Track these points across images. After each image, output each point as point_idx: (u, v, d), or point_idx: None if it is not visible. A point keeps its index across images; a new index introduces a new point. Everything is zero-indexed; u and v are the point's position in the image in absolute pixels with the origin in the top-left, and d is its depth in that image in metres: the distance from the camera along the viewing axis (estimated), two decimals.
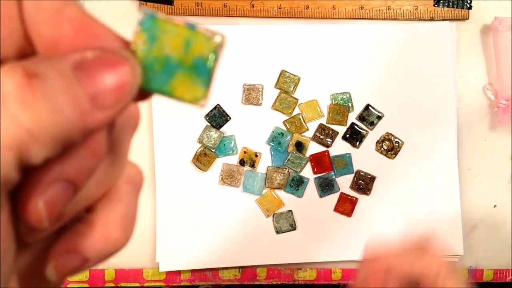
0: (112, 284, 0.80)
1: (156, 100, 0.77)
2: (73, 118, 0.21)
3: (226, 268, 0.80)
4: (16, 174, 0.21)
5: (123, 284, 0.80)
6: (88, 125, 0.22)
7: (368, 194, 0.78)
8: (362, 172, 0.78)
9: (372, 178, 0.78)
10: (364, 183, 0.78)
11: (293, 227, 0.78)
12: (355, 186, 0.78)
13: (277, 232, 0.78)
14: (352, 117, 0.78)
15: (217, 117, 0.78)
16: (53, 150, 0.21)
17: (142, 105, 0.76)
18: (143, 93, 0.24)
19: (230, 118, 0.78)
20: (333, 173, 0.78)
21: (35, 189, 0.22)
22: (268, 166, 0.78)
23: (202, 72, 0.24)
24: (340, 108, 0.77)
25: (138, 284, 0.80)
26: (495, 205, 0.80)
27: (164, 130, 0.78)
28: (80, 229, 0.26)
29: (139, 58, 0.23)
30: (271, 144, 0.78)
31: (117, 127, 0.26)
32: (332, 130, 0.78)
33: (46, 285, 0.27)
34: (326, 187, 0.78)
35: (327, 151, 0.78)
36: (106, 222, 0.26)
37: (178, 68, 0.24)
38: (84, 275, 0.79)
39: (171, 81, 0.24)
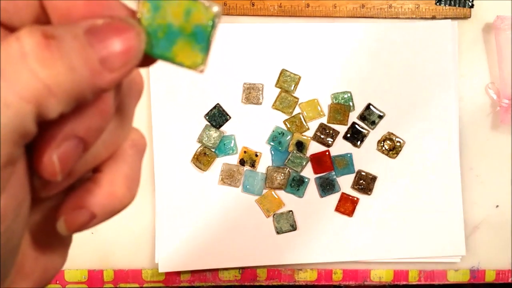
0: (111, 285, 0.80)
1: (156, 100, 0.77)
2: (86, 76, 0.24)
3: (226, 269, 0.79)
4: (34, 127, 0.23)
5: (122, 285, 0.80)
6: (99, 84, 0.24)
7: (369, 194, 0.78)
8: (363, 172, 0.77)
9: (374, 178, 0.77)
10: (365, 183, 0.78)
11: (293, 227, 0.78)
12: (356, 186, 0.78)
13: (278, 233, 0.78)
14: (353, 117, 0.78)
15: (217, 117, 0.77)
16: (67, 106, 0.24)
17: (142, 105, 0.76)
18: (147, 59, 0.27)
19: (230, 118, 0.77)
20: (334, 173, 0.78)
21: (50, 144, 0.24)
22: (268, 166, 0.77)
23: (201, 39, 0.26)
24: (341, 107, 0.77)
25: (137, 285, 0.80)
26: (497, 205, 0.80)
27: (164, 130, 0.77)
28: (88, 187, 0.28)
29: (143, 26, 0.26)
30: (271, 143, 0.77)
31: (123, 92, 0.29)
32: (333, 129, 0.78)
33: (56, 242, 0.31)
34: (327, 187, 0.78)
35: (328, 151, 0.78)
36: (112, 180, 0.29)
37: (179, 35, 0.26)
38: (83, 276, 0.79)
39: (173, 48, 0.27)
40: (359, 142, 0.78)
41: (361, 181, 0.78)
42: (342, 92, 0.77)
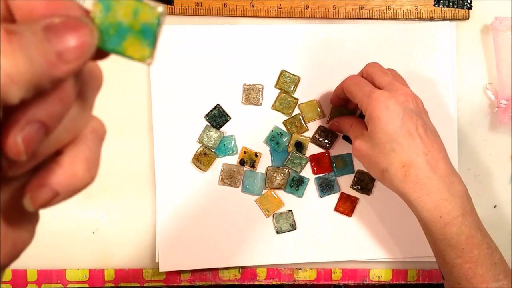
0: (112, 284, 0.80)
1: (157, 100, 0.77)
2: (43, 67, 0.27)
3: (226, 268, 0.80)
4: None
5: (123, 284, 0.80)
6: (55, 75, 0.27)
7: (368, 194, 0.78)
8: (363, 171, 0.78)
9: (373, 178, 0.78)
10: (364, 183, 0.78)
11: (293, 227, 0.78)
12: (356, 186, 0.78)
13: (277, 232, 0.78)
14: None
15: (217, 117, 0.78)
16: (27, 92, 0.26)
17: (143, 106, 0.77)
18: (101, 53, 0.31)
19: (230, 118, 0.78)
20: (333, 173, 0.78)
21: (14, 126, 0.27)
22: (268, 166, 0.78)
23: (148, 35, 0.30)
24: (342, 110, 0.77)
25: (138, 284, 0.80)
26: (495, 205, 0.80)
27: (164, 130, 0.78)
28: (52, 167, 0.31)
29: (96, 24, 0.30)
30: (269, 143, 0.77)
31: (83, 82, 0.32)
32: (332, 132, 0.78)
33: (24, 219, 0.34)
34: (326, 187, 0.78)
35: (327, 151, 0.78)
36: (73, 162, 0.32)
37: (128, 32, 0.30)
38: (84, 275, 0.80)
39: (123, 43, 0.30)
40: None
41: (360, 181, 0.78)
42: None
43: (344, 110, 0.77)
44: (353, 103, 0.68)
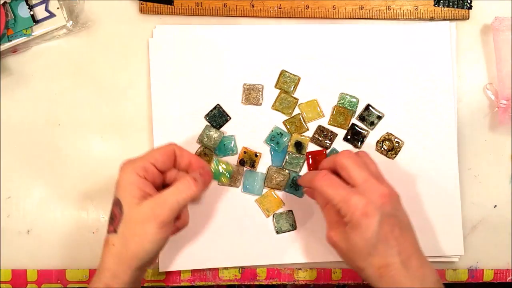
0: None
1: (157, 100, 0.77)
2: (202, 191, 0.66)
3: (226, 268, 0.80)
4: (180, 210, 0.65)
5: None
6: (198, 196, 0.65)
7: None
8: None
9: None
10: None
11: (293, 227, 0.78)
12: None
13: (277, 232, 0.78)
14: (353, 118, 0.78)
15: (217, 117, 0.78)
16: (198, 198, 0.76)
17: (142, 105, 0.77)
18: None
19: (230, 118, 0.78)
20: None
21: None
22: (269, 166, 0.78)
23: (229, 174, 0.72)
24: (344, 111, 0.77)
25: None
26: (495, 205, 0.80)
27: (164, 130, 0.78)
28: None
29: (212, 170, 0.71)
30: (269, 143, 0.77)
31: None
32: (331, 132, 0.78)
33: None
34: None
35: (325, 149, 0.78)
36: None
37: (222, 173, 0.72)
38: (84, 275, 0.80)
39: (220, 177, 0.72)
40: (359, 143, 0.78)
41: None
42: (351, 95, 0.78)
43: (347, 113, 0.77)
44: None
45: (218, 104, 0.78)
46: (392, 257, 0.63)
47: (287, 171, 0.78)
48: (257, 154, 0.78)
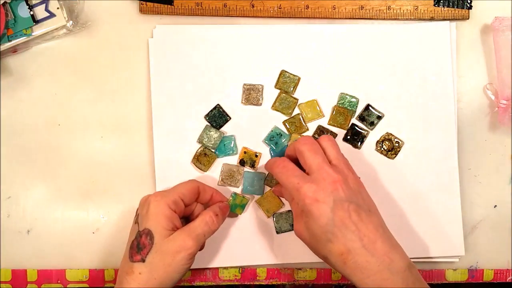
0: (112, 284, 0.80)
1: (157, 101, 0.77)
2: (218, 226, 0.71)
3: (226, 268, 0.80)
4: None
5: None
6: (215, 229, 0.71)
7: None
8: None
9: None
10: None
11: (293, 227, 0.78)
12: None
13: (277, 232, 0.78)
14: (352, 118, 0.78)
15: (217, 117, 0.78)
16: (216, 229, 0.72)
17: (142, 105, 0.77)
18: None
19: (230, 118, 0.78)
20: None
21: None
22: None
23: (243, 207, 0.78)
24: (344, 111, 0.77)
25: None
26: (495, 205, 0.80)
27: (164, 130, 0.78)
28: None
29: (229, 203, 0.77)
30: (268, 143, 0.77)
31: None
32: (331, 132, 0.78)
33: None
34: None
35: None
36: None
37: (238, 206, 0.77)
38: (84, 275, 0.80)
39: (235, 209, 0.77)
40: (359, 143, 0.78)
41: None
42: (351, 95, 0.78)
43: (347, 113, 0.77)
44: None
45: (218, 104, 0.78)
46: (352, 242, 0.63)
47: None
48: (257, 154, 0.78)
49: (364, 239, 0.62)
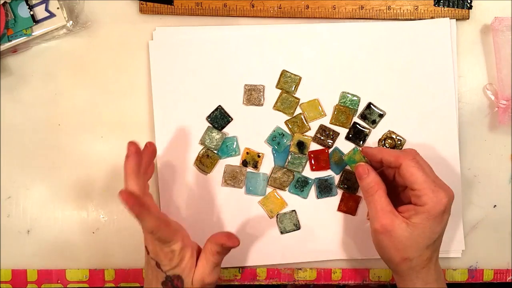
0: (112, 284, 0.80)
1: (157, 103, 0.77)
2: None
3: (226, 268, 0.80)
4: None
5: (123, 284, 0.80)
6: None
7: (354, 193, 0.78)
8: (349, 170, 0.77)
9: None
10: (351, 182, 0.78)
11: (297, 227, 0.78)
12: (342, 185, 0.78)
13: (282, 232, 0.78)
14: (354, 116, 0.78)
15: (219, 118, 0.78)
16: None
17: (144, 107, 0.77)
18: None
19: (232, 119, 0.78)
20: (332, 175, 0.78)
21: None
22: (274, 166, 0.78)
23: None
24: (345, 109, 0.78)
25: (138, 284, 0.80)
26: (495, 205, 0.80)
27: (166, 133, 0.78)
28: None
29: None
30: (270, 143, 0.78)
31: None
32: (333, 131, 0.78)
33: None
34: (324, 189, 0.78)
35: (327, 149, 0.78)
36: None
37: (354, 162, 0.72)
38: (84, 275, 0.80)
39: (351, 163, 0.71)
40: (361, 142, 0.78)
41: (347, 180, 0.78)
42: (352, 94, 0.78)
43: (348, 112, 0.77)
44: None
45: (219, 106, 0.78)
46: (435, 252, 0.68)
47: (291, 171, 0.78)
48: (260, 154, 0.78)
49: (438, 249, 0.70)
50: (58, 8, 0.76)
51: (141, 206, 0.60)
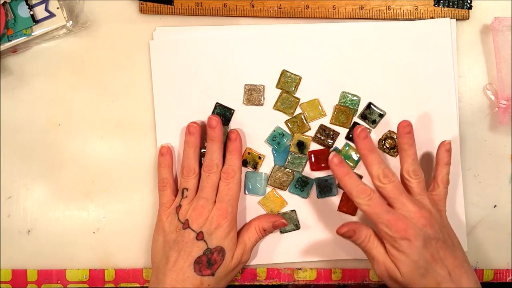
0: (112, 284, 0.80)
1: (159, 102, 0.78)
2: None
3: None
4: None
5: (123, 285, 0.80)
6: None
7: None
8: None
9: None
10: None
11: (297, 227, 0.78)
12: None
13: (282, 232, 0.78)
14: (354, 116, 0.78)
15: (221, 115, 0.77)
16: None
17: (145, 107, 0.77)
18: None
19: (234, 110, 0.78)
20: (332, 175, 0.78)
21: None
22: (274, 166, 0.78)
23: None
24: (346, 109, 0.77)
25: (138, 284, 0.80)
26: (495, 205, 0.80)
27: (167, 133, 0.78)
28: None
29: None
30: (270, 143, 0.77)
31: None
32: (333, 131, 0.78)
33: None
34: (324, 189, 0.78)
35: (327, 149, 0.78)
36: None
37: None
38: (84, 275, 0.80)
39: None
40: None
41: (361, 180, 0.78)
42: (352, 94, 0.78)
43: (348, 112, 0.77)
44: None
45: (217, 103, 0.77)
46: (442, 277, 0.67)
47: (291, 171, 0.78)
48: (261, 156, 0.78)
49: (452, 274, 0.67)
50: (58, 8, 0.76)
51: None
